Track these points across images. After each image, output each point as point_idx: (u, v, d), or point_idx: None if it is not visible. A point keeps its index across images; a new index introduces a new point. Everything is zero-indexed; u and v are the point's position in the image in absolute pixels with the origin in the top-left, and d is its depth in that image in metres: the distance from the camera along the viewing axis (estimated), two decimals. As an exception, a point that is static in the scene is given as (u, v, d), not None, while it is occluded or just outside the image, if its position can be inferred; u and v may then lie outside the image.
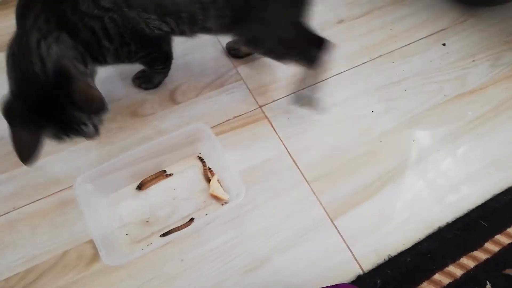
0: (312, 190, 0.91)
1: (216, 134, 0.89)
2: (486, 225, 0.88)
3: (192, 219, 0.83)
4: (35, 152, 0.66)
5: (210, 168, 0.91)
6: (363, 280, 0.80)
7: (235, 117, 1.00)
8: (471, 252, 0.84)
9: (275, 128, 0.99)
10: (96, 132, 0.74)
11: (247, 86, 1.05)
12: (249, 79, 1.06)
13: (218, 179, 0.89)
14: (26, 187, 0.87)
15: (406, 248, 0.85)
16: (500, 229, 0.88)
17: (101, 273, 0.79)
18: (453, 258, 0.84)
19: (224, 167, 0.89)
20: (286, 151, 0.96)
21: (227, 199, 0.87)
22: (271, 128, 0.99)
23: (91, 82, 0.69)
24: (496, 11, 1.25)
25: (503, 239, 0.86)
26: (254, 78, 1.06)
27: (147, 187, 0.88)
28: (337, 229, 0.87)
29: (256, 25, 0.80)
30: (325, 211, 0.88)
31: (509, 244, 0.86)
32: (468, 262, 0.83)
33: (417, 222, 0.89)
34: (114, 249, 0.79)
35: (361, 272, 0.82)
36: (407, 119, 1.02)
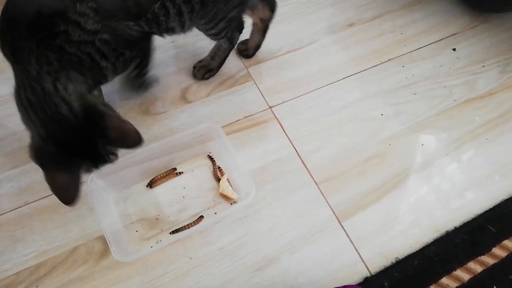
0: (321, 191, 0.91)
1: (226, 134, 0.89)
2: (494, 230, 0.88)
3: (202, 217, 0.84)
4: (77, 192, 0.66)
5: (220, 167, 0.92)
6: (370, 282, 0.81)
7: (245, 117, 1.00)
8: (479, 257, 0.85)
9: (285, 129, 0.99)
10: (117, 156, 0.74)
11: (258, 87, 1.06)
12: (260, 80, 1.07)
13: (228, 179, 0.90)
14: (38, 183, 0.88)
15: (414, 251, 0.85)
16: (508, 235, 0.88)
17: (111, 269, 0.80)
18: (461, 263, 0.84)
19: (234, 167, 0.89)
20: (295, 152, 0.96)
21: (236, 199, 0.87)
22: (281, 129, 0.99)
23: (121, 116, 0.69)
24: (507, 18, 1.25)
25: (511, 245, 0.87)
26: (265, 79, 1.07)
27: (158, 185, 0.89)
28: (345, 231, 0.87)
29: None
30: (333, 213, 0.89)
31: (517, 250, 0.86)
32: (476, 267, 0.84)
33: (425, 226, 0.89)
34: (124, 246, 0.80)
35: (368, 274, 0.82)
36: (416, 123, 1.03)
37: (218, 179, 0.90)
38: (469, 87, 1.10)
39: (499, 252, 0.86)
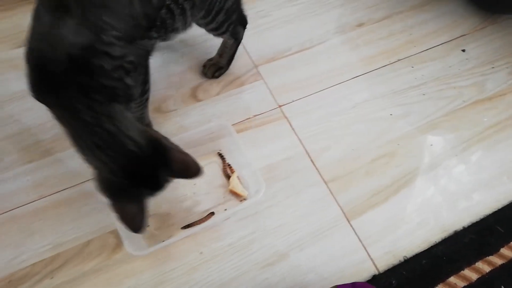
0: (330, 190, 0.92)
1: (236, 132, 0.91)
2: (502, 231, 0.88)
3: (213, 213, 0.85)
4: (145, 219, 0.69)
5: (230, 165, 0.93)
6: (379, 280, 0.82)
7: (255, 116, 1.02)
8: (487, 257, 0.85)
9: (294, 128, 1.01)
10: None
11: (267, 86, 1.07)
12: (269, 79, 1.08)
13: (237, 176, 0.91)
14: (53, 177, 0.90)
15: (422, 251, 0.86)
16: (516, 236, 0.89)
17: (123, 263, 0.82)
18: (469, 262, 0.85)
19: (244, 164, 0.91)
20: (305, 151, 0.97)
21: (246, 196, 0.89)
22: (290, 128, 1.01)
23: (181, 148, 0.72)
24: (517, 19, 1.26)
25: (519, 245, 0.87)
26: (274, 78, 1.08)
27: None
28: (354, 229, 0.88)
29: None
30: (342, 211, 0.90)
31: (525, 250, 0.87)
32: (484, 267, 0.84)
33: (433, 226, 0.90)
34: (136, 240, 0.81)
35: (377, 272, 0.83)
36: (425, 124, 1.04)
37: (228, 176, 0.91)
38: (478, 88, 1.11)
39: (507, 253, 0.86)
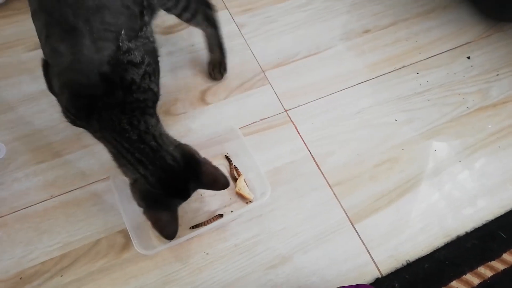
0: (334, 194, 0.94)
1: (243, 135, 0.93)
2: (505, 237, 0.89)
3: (221, 215, 0.87)
4: (177, 226, 0.72)
5: (236, 167, 0.95)
6: (382, 283, 0.83)
7: (262, 120, 1.03)
8: (489, 262, 0.86)
9: (300, 132, 1.02)
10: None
11: (274, 91, 1.09)
12: (276, 84, 1.10)
13: (244, 178, 0.92)
14: (63, 178, 0.92)
15: (425, 255, 0.87)
16: (519, 241, 0.90)
17: (131, 262, 0.83)
18: (471, 267, 0.86)
19: (250, 167, 0.92)
20: (310, 155, 0.99)
21: (252, 198, 0.90)
22: (296, 132, 1.02)
23: (211, 163, 0.76)
24: (522, 27, 1.27)
25: (521, 251, 0.88)
26: (281, 83, 1.10)
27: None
28: (358, 233, 0.89)
29: None
30: (346, 215, 0.91)
31: (527, 257, 0.87)
32: (486, 272, 0.85)
33: (436, 231, 0.91)
34: (144, 240, 0.83)
35: (380, 276, 0.85)
36: (429, 130, 1.05)
37: (235, 179, 0.93)
38: (483, 95, 1.12)
39: (509, 258, 0.87)
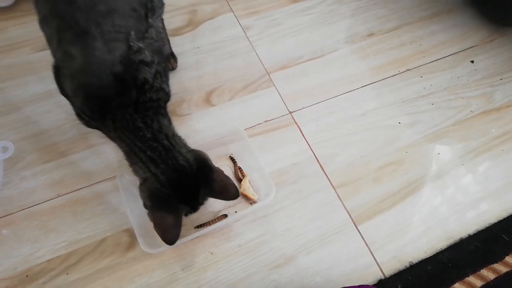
0: (338, 195, 0.94)
1: (248, 137, 0.93)
2: (508, 240, 0.90)
3: (226, 216, 0.88)
4: (179, 232, 0.72)
5: (241, 168, 0.95)
6: (384, 284, 0.83)
7: (266, 121, 1.04)
8: (492, 265, 0.87)
9: (304, 134, 1.03)
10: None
11: (279, 93, 1.10)
12: (281, 86, 1.11)
13: (248, 179, 0.93)
14: (69, 177, 0.93)
15: (427, 257, 0.88)
16: (521, 244, 0.90)
17: (136, 261, 0.84)
18: (474, 269, 0.86)
19: (255, 168, 0.93)
20: (314, 157, 1.00)
21: (256, 199, 0.91)
22: (300, 134, 1.03)
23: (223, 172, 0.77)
24: (526, 32, 1.27)
25: (524, 254, 0.88)
26: (286, 85, 1.11)
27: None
28: (361, 234, 0.90)
29: None
30: (350, 216, 0.92)
31: (530, 260, 0.88)
32: (488, 274, 0.85)
33: (439, 233, 0.91)
34: (149, 238, 0.84)
35: (383, 277, 0.85)
36: (433, 133, 1.05)
37: (239, 180, 0.94)
38: (486, 99, 1.12)
39: (512, 261, 0.87)
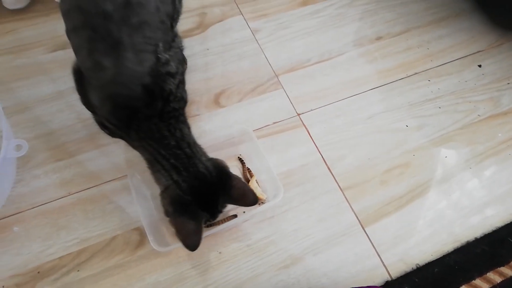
0: (345, 197, 0.95)
1: (256, 138, 0.94)
2: (514, 243, 0.90)
3: (235, 216, 0.89)
4: (200, 239, 0.73)
5: (249, 169, 0.96)
6: (391, 286, 0.84)
7: (274, 123, 1.05)
8: (498, 268, 0.87)
9: (312, 136, 1.04)
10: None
11: (287, 95, 1.11)
12: (289, 88, 1.12)
13: (256, 180, 0.94)
14: (80, 176, 0.94)
15: (434, 259, 0.88)
16: (528, 248, 0.90)
17: (145, 259, 0.85)
18: (480, 272, 0.86)
19: (263, 169, 0.94)
20: (322, 159, 1.00)
21: (265, 199, 0.92)
22: (308, 136, 1.04)
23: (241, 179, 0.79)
24: (533, 36, 1.28)
25: (531, 258, 0.89)
26: (294, 88, 1.12)
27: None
28: (368, 236, 0.91)
29: None
30: (357, 218, 0.93)
31: (537, 263, 0.88)
32: (495, 277, 0.86)
33: (446, 236, 0.92)
34: (159, 237, 0.85)
35: (389, 279, 0.86)
36: (440, 136, 1.06)
37: (247, 180, 0.95)
38: (494, 103, 1.13)
39: (519, 265, 0.88)
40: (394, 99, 1.12)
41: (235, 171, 0.96)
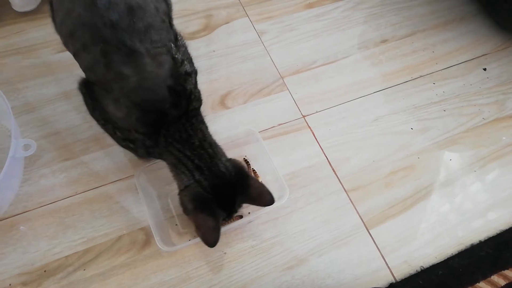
0: (350, 199, 0.96)
1: (262, 139, 0.95)
2: (519, 246, 0.90)
3: (241, 216, 0.89)
4: (219, 236, 0.74)
5: (254, 170, 0.97)
6: (396, 288, 0.84)
7: (280, 125, 1.06)
8: (502, 271, 0.87)
9: (317, 138, 1.04)
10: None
11: (292, 97, 1.11)
12: (294, 90, 1.12)
13: (262, 181, 0.95)
14: (87, 175, 0.95)
15: (438, 262, 0.88)
16: (533, 252, 0.90)
17: (151, 259, 0.86)
18: (484, 275, 0.86)
19: (268, 170, 0.95)
20: (327, 160, 1.01)
21: (270, 200, 0.92)
22: (313, 138, 1.04)
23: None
24: (539, 40, 1.28)
25: (535, 262, 0.89)
26: (299, 90, 1.12)
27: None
28: (372, 238, 0.91)
29: None
30: (362, 220, 0.93)
31: (541, 267, 0.88)
32: (499, 280, 0.86)
33: (450, 238, 0.92)
34: (165, 237, 0.86)
35: (394, 281, 0.86)
36: (445, 139, 1.06)
37: (253, 182, 0.95)
38: (499, 107, 1.13)
39: (523, 268, 0.88)
40: (399, 102, 1.12)
41: (241, 172, 0.97)
